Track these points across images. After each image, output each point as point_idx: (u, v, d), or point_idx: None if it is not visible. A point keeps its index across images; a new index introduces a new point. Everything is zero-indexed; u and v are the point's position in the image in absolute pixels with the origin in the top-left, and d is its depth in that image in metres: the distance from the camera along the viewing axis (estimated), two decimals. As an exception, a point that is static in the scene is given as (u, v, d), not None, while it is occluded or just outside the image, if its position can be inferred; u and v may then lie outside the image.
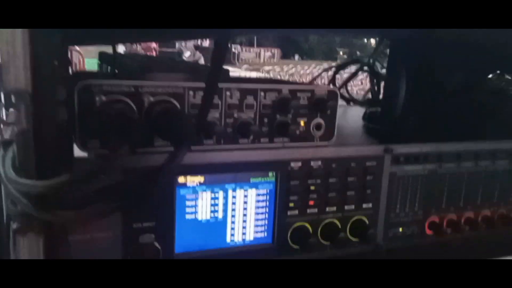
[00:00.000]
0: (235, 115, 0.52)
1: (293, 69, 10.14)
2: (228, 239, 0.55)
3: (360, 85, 2.88)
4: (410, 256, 0.64)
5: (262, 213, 0.56)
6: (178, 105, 0.49)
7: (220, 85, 0.50)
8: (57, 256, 0.41)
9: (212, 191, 0.53)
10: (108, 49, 0.74)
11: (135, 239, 0.49)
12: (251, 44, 12.72)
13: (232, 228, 0.55)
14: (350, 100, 1.11)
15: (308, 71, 9.30)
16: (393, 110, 0.72)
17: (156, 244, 0.51)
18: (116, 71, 0.68)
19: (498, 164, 0.69)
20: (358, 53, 3.58)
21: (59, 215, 0.39)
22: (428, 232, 0.66)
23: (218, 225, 0.54)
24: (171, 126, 0.46)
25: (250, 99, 0.53)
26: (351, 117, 0.94)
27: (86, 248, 0.47)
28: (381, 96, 0.96)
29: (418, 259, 0.48)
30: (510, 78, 0.83)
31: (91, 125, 0.45)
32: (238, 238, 0.55)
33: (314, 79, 1.48)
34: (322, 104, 0.56)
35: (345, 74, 1.14)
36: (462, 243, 0.68)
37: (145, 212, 0.50)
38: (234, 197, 0.54)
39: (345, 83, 1.10)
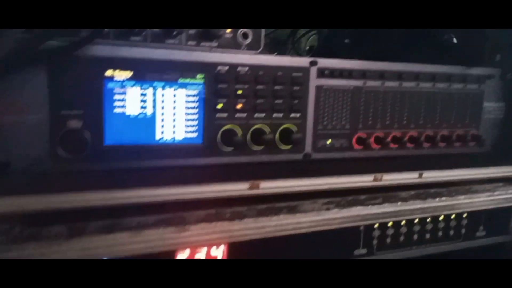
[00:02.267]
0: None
1: None
2: (158, 137, 0.58)
3: None
4: (338, 167, 0.68)
5: (192, 114, 0.59)
6: None
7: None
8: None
9: (141, 87, 0.56)
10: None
11: (63, 124, 0.52)
12: None
13: (162, 126, 0.58)
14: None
15: None
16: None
17: (85, 134, 0.53)
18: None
19: (422, 86, 0.74)
20: None
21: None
22: (356, 146, 0.71)
23: (147, 122, 0.57)
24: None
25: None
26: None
27: (13, 130, 0.50)
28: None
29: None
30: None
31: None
32: (167, 136, 0.58)
33: None
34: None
35: None
36: (389, 158, 0.73)
37: (73, 101, 0.52)
38: (163, 95, 0.57)
39: None
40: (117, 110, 0.55)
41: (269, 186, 0.59)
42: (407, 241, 0.69)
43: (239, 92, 0.61)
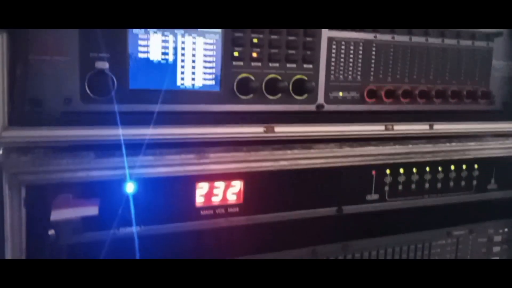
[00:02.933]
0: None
1: None
2: (179, 83, 0.61)
3: None
4: (351, 119, 0.71)
5: (210, 62, 0.63)
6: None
7: None
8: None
9: (163, 34, 0.60)
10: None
11: (92, 64, 0.56)
12: None
13: (182, 72, 0.61)
14: None
15: None
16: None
17: (111, 75, 0.57)
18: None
19: (431, 41, 0.76)
20: None
21: None
22: (368, 99, 0.73)
23: (169, 67, 0.60)
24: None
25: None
26: None
27: (45, 68, 0.54)
28: None
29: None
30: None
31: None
32: (187, 83, 0.62)
33: None
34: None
35: None
36: (400, 112, 0.75)
37: (101, 44, 0.56)
38: (183, 42, 0.61)
39: None
40: (141, 55, 0.59)
41: (283, 130, 0.62)
42: (419, 189, 0.71)
43: (255, 40, 0.64)
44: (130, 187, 0.51)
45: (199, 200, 0.56)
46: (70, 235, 0.49)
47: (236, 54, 0.63)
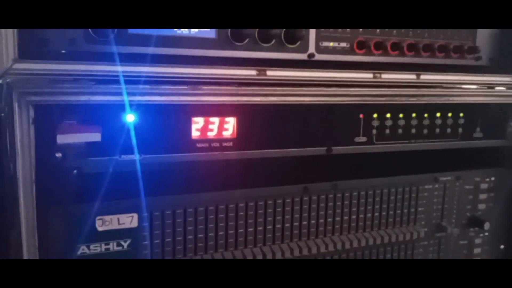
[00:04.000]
0: None
1: None
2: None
3: None
4: (339, 68, 0.74)
5: (205, 9, 0.66)
6: None
7: None
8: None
9: (160, -19, 0.63)
10: None
11: (93, 6, 0.60)
12: None
13: (179, 18, 0.65)
14: None
15: None
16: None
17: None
18: None
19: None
20: None
21: None
22: (357, 50, 0.77)
23: (166, 13, 0.64)
24: None
25: None
26: None
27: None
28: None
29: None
30: None
31: None
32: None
33: None
34: None
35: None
36: (389, 64, 0.78)
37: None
38: (179, -11, 0.65)
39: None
40: (139, 1, 0.62)
41: (275, 74, 0.65)
42: (405, 134, 0.74)
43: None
44: (130, 117, 0.55)
45: (195, 134, 0.60)
46: (75, 159, 0.54)
47: (230, 1, 0.67)
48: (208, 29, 0.66)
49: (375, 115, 0.71)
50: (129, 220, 0.58)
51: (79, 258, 0.56)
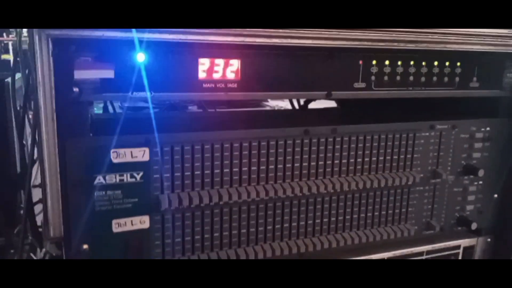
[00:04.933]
0: None
1: None
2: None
3: None
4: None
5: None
6: None
7: None
8: None
9: None
10: None
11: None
12: None
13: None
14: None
15: None
16: None
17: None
18: None
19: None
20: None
21: None
22: None
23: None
24: None
25: None
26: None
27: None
28: None
29: None
30: None
31: None
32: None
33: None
34: None
35: None
36: None
37: None
38: None
39: None
40: None
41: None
42: (403, 82, 0.77)
43: None
44: (141, 56, 0.59)
45: (202, 75, 0.64)
46: (91, 93, 0.58)
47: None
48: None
49: (374, 62, 0.74)
50: (141, 154, 0.63)
51: (95, 188, 0.61)
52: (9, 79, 1.12)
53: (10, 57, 3.95)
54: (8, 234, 0.91)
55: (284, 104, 1.42)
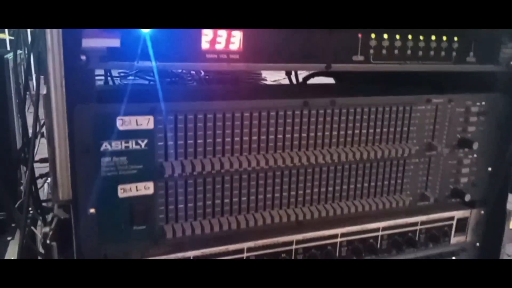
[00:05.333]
0: None
1: None
2: None
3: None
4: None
5: None
6: None
7: None
8: None
9: None
10: None
11: None
12: None
13: None
14: None
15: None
16: None
17: None
18: None
19: None
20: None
21: None
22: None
23: None
24: None
25: None
26: None
27: None
28: None
29: None
30: None
31: None
32: None
33: None
34: None
35: None
36: None
37: None
38: None
39: None
40: None
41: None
42: (401, 55, 0.79)
43: None
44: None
45: (205, 46, 0.66)
46: (98, 62, 0.60)
47: None
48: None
49: (372, 35, 0.76)
50: (146, 122, 0.65)
51: (102, 154, 0.63)
52: (8, 55, 1.14)
53: (5, 36, 3.93)
54: (9, 209, 0.94)
55: (284, 82, 1.44)
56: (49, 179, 1.12)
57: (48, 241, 0.66)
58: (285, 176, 0.77)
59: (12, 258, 0.91)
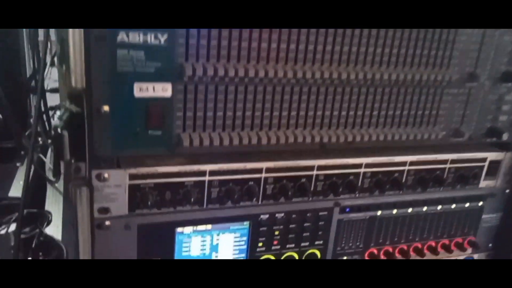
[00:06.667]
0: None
1: None
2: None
3: None
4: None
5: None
6: None
7: None
8: None
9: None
10: None
11: None
12: None
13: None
14: None
15: None
16: None
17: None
18: None
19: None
20: None
21: None
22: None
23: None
24: None
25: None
26: None
27: None
28: None
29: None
30: None
31: None
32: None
33: None
34: None
35: None
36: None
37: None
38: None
39: None
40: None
41: None
42: None
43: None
44: None
45: None
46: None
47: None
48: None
49: None
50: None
51: (118, 45, 0.58)
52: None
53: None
54: (19, 136, 0.91)
55: None
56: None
57: (59, 130, 0.62)
58: (312, 93, 0.71)
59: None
